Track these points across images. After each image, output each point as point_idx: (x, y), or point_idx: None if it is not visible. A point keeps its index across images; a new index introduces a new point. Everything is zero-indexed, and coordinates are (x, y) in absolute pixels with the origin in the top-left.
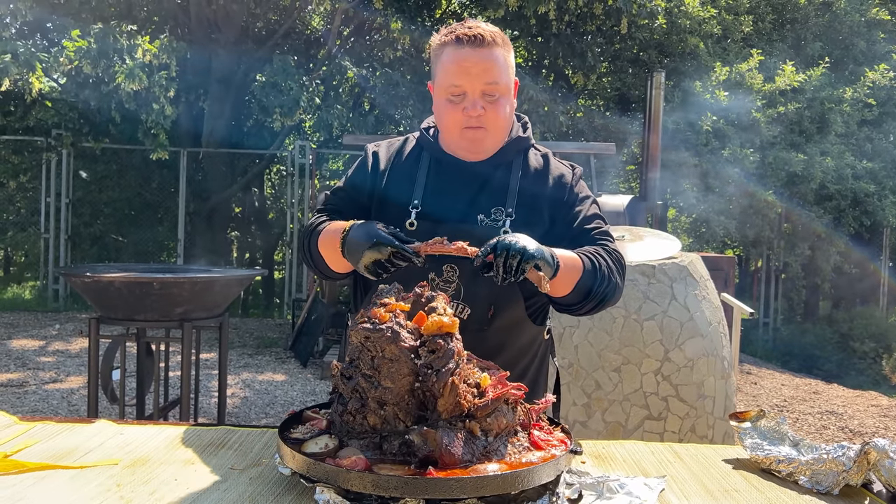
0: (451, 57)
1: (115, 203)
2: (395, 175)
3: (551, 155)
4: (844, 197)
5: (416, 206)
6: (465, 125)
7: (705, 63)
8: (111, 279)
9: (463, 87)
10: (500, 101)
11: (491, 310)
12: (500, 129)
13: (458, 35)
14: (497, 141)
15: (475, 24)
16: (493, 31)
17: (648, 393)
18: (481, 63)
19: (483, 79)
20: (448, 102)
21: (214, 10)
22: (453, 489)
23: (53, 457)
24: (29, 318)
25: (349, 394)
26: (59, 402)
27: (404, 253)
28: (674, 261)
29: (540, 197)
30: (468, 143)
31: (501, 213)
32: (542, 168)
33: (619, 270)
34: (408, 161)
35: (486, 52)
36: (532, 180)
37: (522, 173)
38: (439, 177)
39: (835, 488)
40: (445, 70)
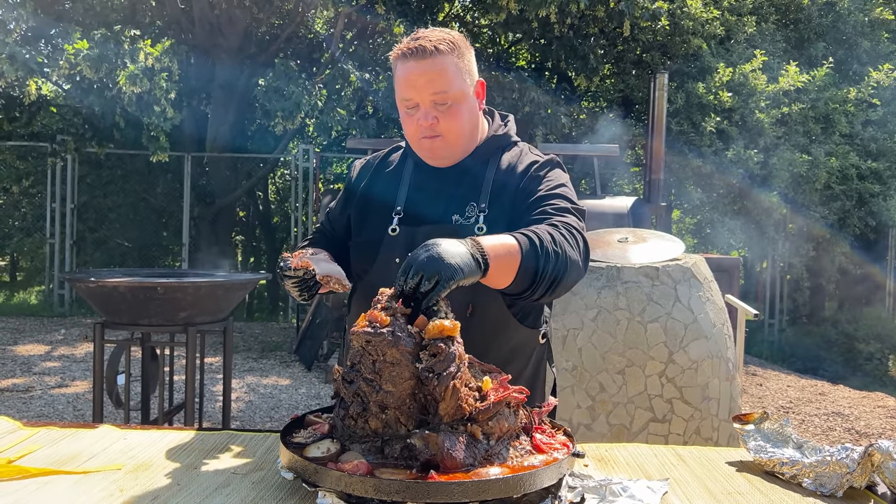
0: (400, 71)
1: (120, 208)
2: (378, 183)
3: (528, 147)
4: (849, 197)
5: (398, 211)
6: (421, 135)
7: (709, 64)
8: (115, 284)
9: (413, 100)
10: (454, 107)
11: (469, 308)
12: (457, 135)
13: (404, 50)
14: (458, 147)
15: (422, 35)
16: (440, 38)
17: (653, 395)
18: (426, 74)
19: (430, 89)
20: (406, 115)
21: (217, 15)
22: (455, 493)
23: (56, 462)
24: (35, 324)
25: (350, 398)
26: (64, 407)
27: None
28: (677, 262)
29: (510, 188)
30: (426, 151)
31: (474, 210)
32: (515, 161)
33: (573, 244)
34: (393, 168)
35: (429, 62)
36: (506, 174)
37: (497, 169)
38: (420, 181)
39: (839, 490)
40: (398, 84)
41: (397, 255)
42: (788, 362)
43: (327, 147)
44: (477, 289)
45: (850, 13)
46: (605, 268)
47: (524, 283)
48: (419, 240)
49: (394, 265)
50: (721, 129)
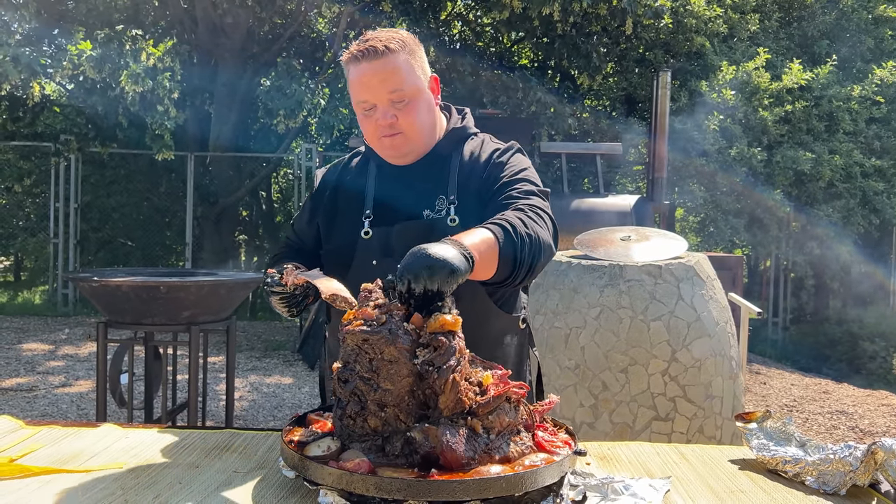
0: (353, 74)
1: (124, 208)
2: (343, 189)
3: (489, 137)
4: (853, 195)
5: (367, 214)
6: (381, 135)
7: (711, 62)
8: (119, 283)
9: (370, 101)
10: (411, 104)
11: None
12: (417, 130)
13: (354, 52)
14: (419, 142)
15: (372, 36)
16: (389, 37)
17: (656, 394)
18: (379, 74)
19: (385, 88)
20: (364, 116)
21: (220, 15)
22: (456, 491)
23: (58, 461)
24: (39, 323)
25: (347, 397)
26: (68, 406)
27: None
28: (680, 261)
29: (476, 178)
30: (389, 149)
31: (444, 202)
32: (477, 151)
33: (543, 225)
34: (356, 173)
35: (381, 62)
36: (470, 165)
37: (461, 160)
38: (386, 181)
39: (842, 489)
40: (352, 87)
41: (374, 258)
42: (792, 361)
43: (330, 146)
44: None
45: (854, 10)
46: (607, 266)
47: (505, 271)
48: (393, 239)
49: (371, 267)
50: (724, 127)
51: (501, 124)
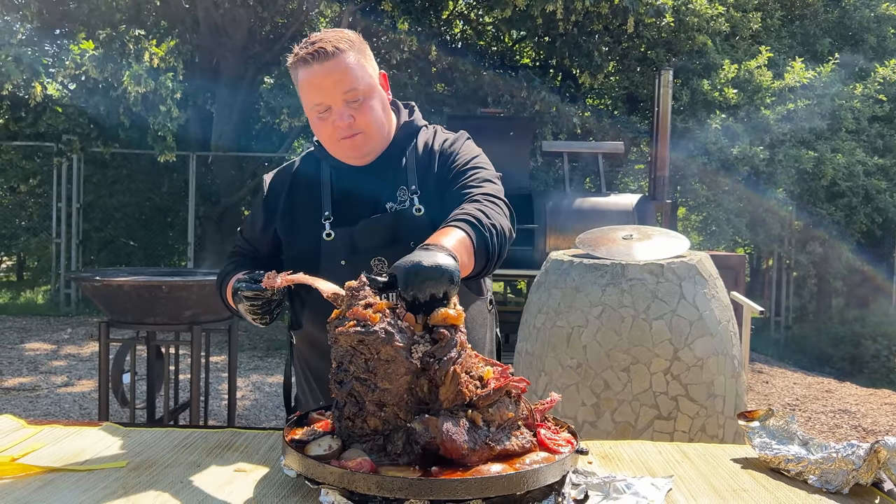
0: (304, 77)
1: (126, 207)
2: (299, 194)
3: (440, 129)
4: (856, 194)
5: (327, 217)
6: (340, 137)
7: (714, 61)
8: (121, 283)
9: (325, 103)
10: (366, 102)
11: None
12: (376, 128)
13: (304, 55)
14: (379, 140)
15: (318, 38)
16: (337, 37)
17: (658, 392)
18: (333, 75)
19: (340, 89)
20: (319, 120)
21: (222, 15)
22: (459, 490)
23: (60, 460)
24: (41, 323)
25: (344, 398)
26: (70, 406)
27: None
28: (682, 259)
29: (433, 168)
30: (349, 150)
31: (406, 193)
32: (430, 141)
33: (501, 212)
34: (307, 177)
35: (333, 63)
36: (426, 156)
37: (416, 152)
38: (342, 183)
39: (844, 487)
40: (303, 91)
41: (341, 258)
42: (795, 360)
43: None
44: None
45: (857, 9)
46: (609, 265)
47: (480, 264)
48: (358, 236)
49: (340, 267)
50: (726, 125)
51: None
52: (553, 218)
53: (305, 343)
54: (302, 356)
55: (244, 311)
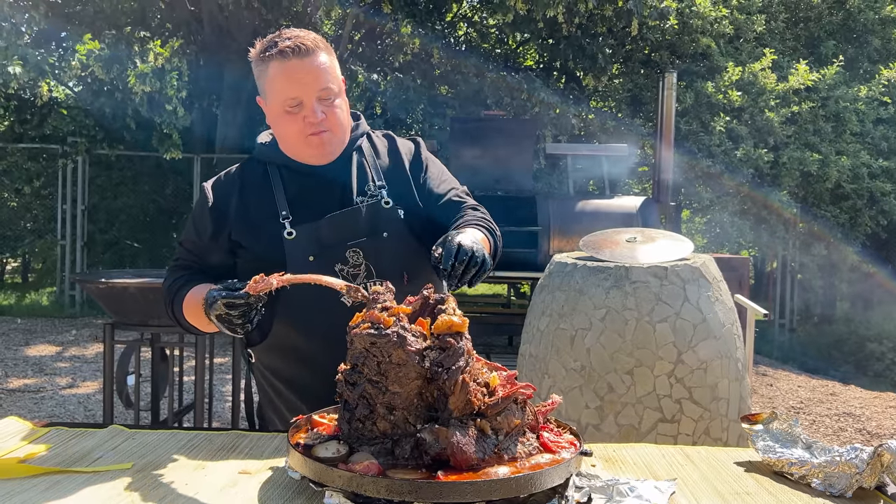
0: (280, 70)
1: (130, 209)
2: (249, 198)
3: (389, 132)
4: (860, 196)
5: (285, 216)
6: (307, 133)
7: (717, 63)
8: (125, 285)
9: (299, 98)
10: (335, 102)
11: (405, 277)
12: (341, 128)
13: (283, 48)
14: (341, 139)
15: (293, 35)
16: (314, 37)
17: (662, 395)
18: (312, 72)
19: (317, 86)
20: (286, 114)
21: (227, 17)
22: (466, 493)
23: (66, 461)
24: (46, 325)
25: (355, 400)
26: (75, 408)
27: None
28: (686, 262)
29: (398, 167)
30: (314, 148)
31: (374, 188)
32: (390, 144)
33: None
34: (254, 180)
35: (312, 59)
36: (387, 156)
37: (374, 152)
38: (297, 182)
39: (848, 491)
40: (276, 84)
41: (309, 254)
42: (799, 362)
43: None
44: (406, 258)
45: (861, 11)
46: (613, 268)
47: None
48: (325, 231)
49: (309, 263)
50: (730, 128)
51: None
52: (557, 220)
53: (274, 353)
54: (269, 369)
55: (218, 321)
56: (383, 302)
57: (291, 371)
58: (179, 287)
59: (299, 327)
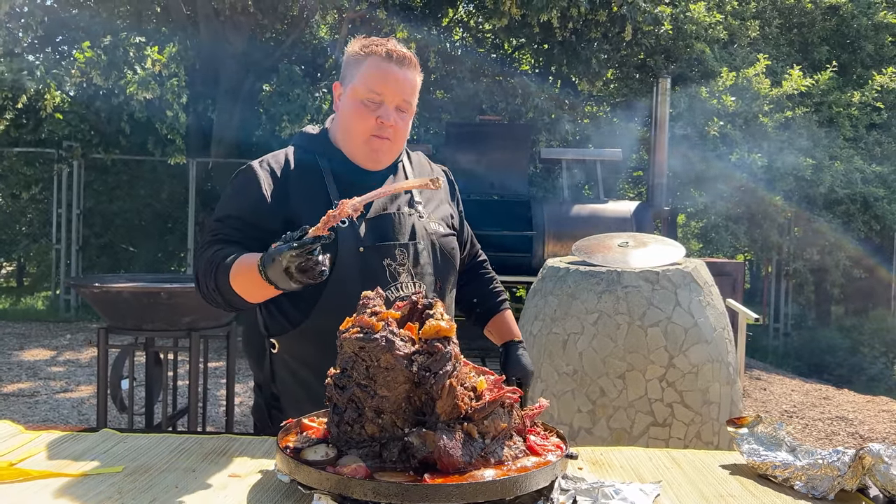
0: (377, 67)
1: (126, 213)
2: (303, 182)
3: (423, 154)
4: (854, 201)
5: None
6: (373, 133)
7: (712, 68)
8: (119, 289)
9: (383, 97)
10: (407, 118)
11: (438, 283)
12: (401, 142)
13: (390, 51)
14: (396, 153)
15: (395, 44)
16: (414, 56)
17: (653, 399)
18: (404, 80)
19: (402, 94)
20: (362, 105)
21: (223, 22)
22: (452, 495)
23: (58, 465)
24: (41, 329)
25: (344, 404)
26: (69, 412)
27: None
28: (678, 267)
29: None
30: (372, 151)
31: (413, 203)
32: (426, 164)
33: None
34: (307, 167)
35: (408, 72)
36: (425, 173)
37: (413, 168)
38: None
39: (830, 493)
40: (368, 76)
41: (359, 245)
42: (793, 366)
43: None
44: (440, 266)
45: (854, 17)
46: (605, 272)
47: None
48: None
49: (357, 254)
50: (724, 133)
51: (501, 130)
52: (551, 225)
53: (308, 340)
54: (297, 358)
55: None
56: (373, 307)
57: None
58: (224, 257)
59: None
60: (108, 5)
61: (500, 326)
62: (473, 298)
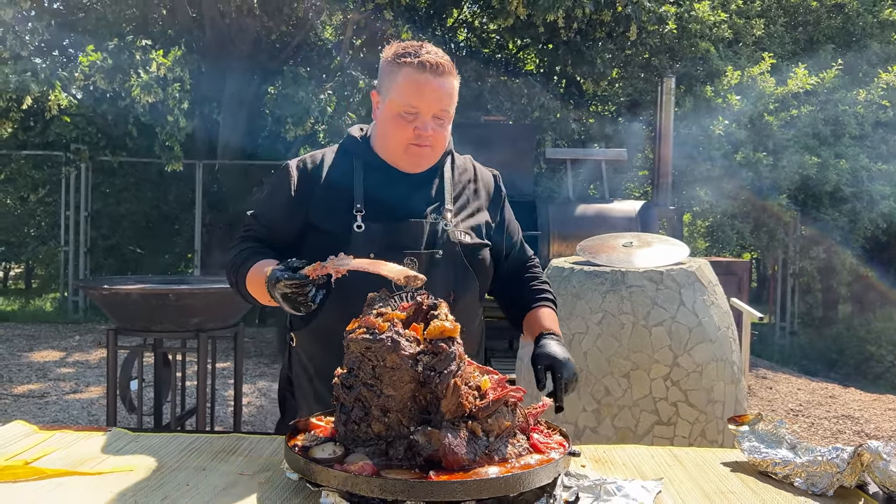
0: (411, 78)
1: (133, 215)
2: (330, 185)
3: (471, 159)
4: (860, 199)
5: (358, 209)
6: (411, 142)
7: (716, 67)
8: (128, 291)
9: (419, 109)
10: (445, 124)
11: (451, 295)
12: (442, 148)
13: (423, 61)
14: (437, 157)
15: (433, 51)
16: (449, 61)
17: (658, 398)
18: (439, 90)
19: (438, 105)
20: (399, 118)
21: (228, 24)
22: (457, 492)
23: (71, 464)
24: (50, 330)
25: (351, 403)
26: (79, 413)
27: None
28: (682, 266)
29: (474, 193)
30: (412, 158)
31: (442, 209)
32: (470, 169)
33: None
34: (339, 170)
35: (443, 80)
36: (465, 182)
37: (453, 174)
38: (377, 181)
39: (829, 489)
40: (403, 89)
41: (371, 251)
42: (800, 365)
43: None
44: (456, 278)
45: (860, 15)
46: (609, 272)
47: None
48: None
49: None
50: (729, 132)
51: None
52: (556, 225)
53: (315, 340)
54: (307, 354)
55: (283, 299)
56: (378, 307)
57: (327, 360)
58: (244, 259)
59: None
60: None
61: (532, 322)
62: (510, 300)
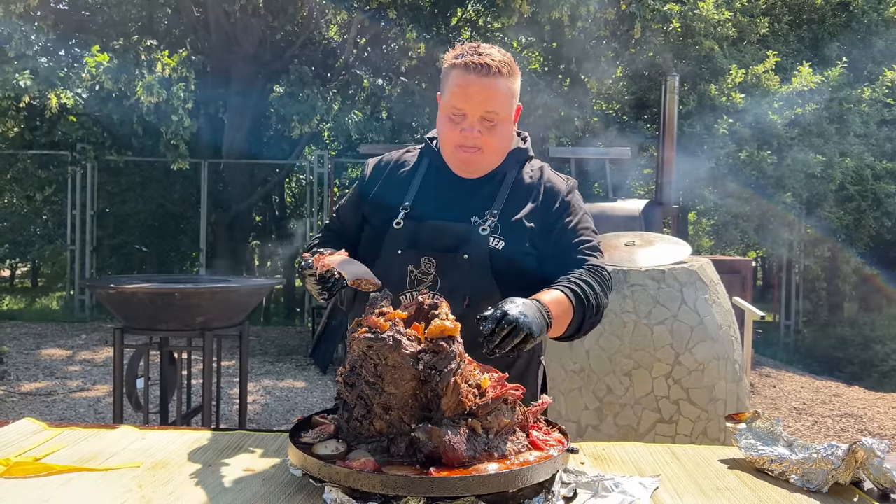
0: (457, 80)
1: (139, 214)
2: (390, 181)
3: (547, 167)
4: (864, 197)
5: (405, 206)
6: (459, 143)
7: (721, 65)
8: (134, 290)
9: (464, 111)
10: (498, 126)
11: (466, 300)
12: (494, 151)
13: (468, 62)
14: (492, 161)
15: (485, 52)
16: (501, 60)
17: (660, 396)
18: (484, 91)
19: (484, 106)
20: (448, 120)
21: (233, 24)
22: (457, 487)
23: (79, 460)
24: (56, 329)
25: (354, 401)
26: (85, 410)
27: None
28: (683, 265)
29: (529, 204)
30: (460, 161)
31: (488, 214)
32: (535, 178)
33: (605, 289)
34: (405, 169)
35: (489, 81)
36: (525, 189)
37: (516, 182)
38: (434, 182)
39: (824, 486)
40: (451, 91)
41: (399, 247)
42: (804, 363)
43: (342, 152)
44: (474, 284)
45: (864, 12)
46: (611, 271)
47: (570, 331)
48: (422, 233)
49: (396, 256)
50: (734, 130)
51: None
52: None
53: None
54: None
55: (308, 285)
56: (380, 307)
57: None
58: (310, 248)
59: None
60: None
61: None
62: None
